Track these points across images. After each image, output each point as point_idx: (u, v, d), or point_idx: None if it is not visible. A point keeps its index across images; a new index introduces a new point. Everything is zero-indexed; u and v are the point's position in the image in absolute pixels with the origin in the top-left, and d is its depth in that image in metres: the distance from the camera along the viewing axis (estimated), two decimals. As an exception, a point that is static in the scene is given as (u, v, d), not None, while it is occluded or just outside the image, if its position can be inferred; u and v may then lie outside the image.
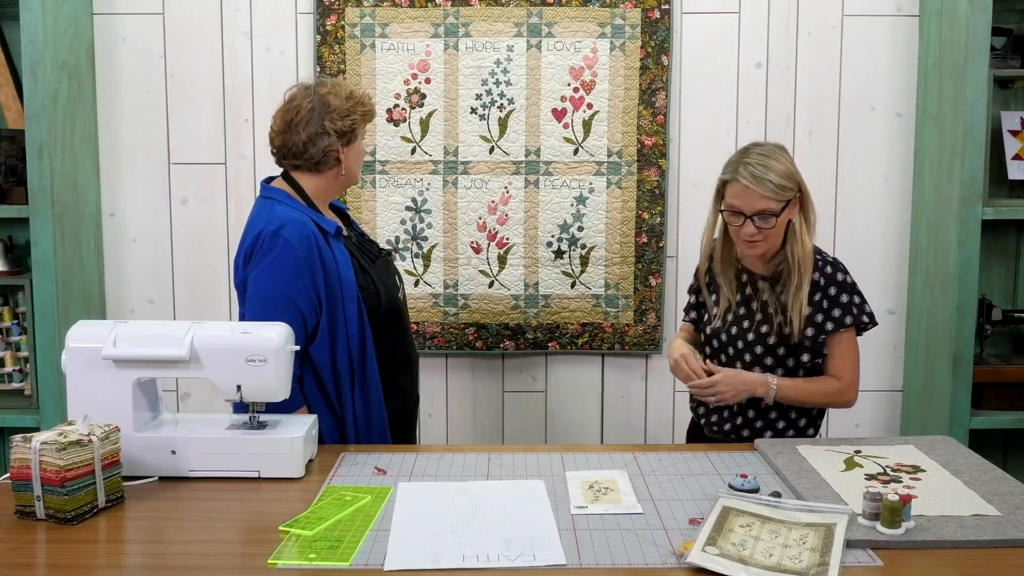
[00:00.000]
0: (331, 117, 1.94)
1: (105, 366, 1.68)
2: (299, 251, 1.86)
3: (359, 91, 2.03)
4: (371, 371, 1.96)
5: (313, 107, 1.94)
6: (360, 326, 1.93)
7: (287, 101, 1.99)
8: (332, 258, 1.91)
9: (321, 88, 1.97)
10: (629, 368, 2.94)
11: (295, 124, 1.95)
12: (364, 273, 1.98)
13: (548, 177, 2.83)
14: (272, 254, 1.86)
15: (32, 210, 2.53)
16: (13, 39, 2.69)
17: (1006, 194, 2.79)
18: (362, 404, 1.96)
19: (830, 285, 2.00)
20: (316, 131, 1.94)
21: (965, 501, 1.54)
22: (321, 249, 1.89)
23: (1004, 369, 2.71)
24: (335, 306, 1.90)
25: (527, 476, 1.71)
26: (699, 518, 1.49)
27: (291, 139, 1.96)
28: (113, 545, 1.44)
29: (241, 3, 2.80)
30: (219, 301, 2.89)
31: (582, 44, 2.78)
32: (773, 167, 1.93)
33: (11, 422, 2.67)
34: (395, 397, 2.04)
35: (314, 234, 1.89)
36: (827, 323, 2.00)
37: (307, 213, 1.94)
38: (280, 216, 1.89)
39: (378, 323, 1.97)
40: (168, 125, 2.85)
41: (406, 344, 2.08)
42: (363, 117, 2.00)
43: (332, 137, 1.95)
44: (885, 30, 2.82)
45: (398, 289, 2.08)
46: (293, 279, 1.86)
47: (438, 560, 1.34)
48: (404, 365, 2.07)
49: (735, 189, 1.95)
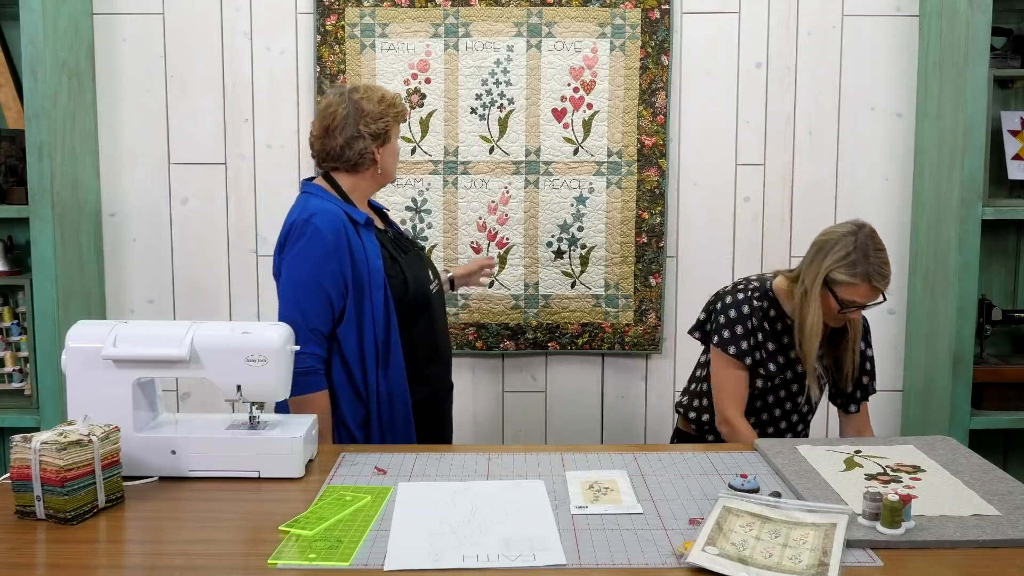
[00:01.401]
0: (365, 121, 2.06)
1: (105, 366, 1.68)
2: (328, 238, 1.97)
3: (391, 94, 2.13)
4: (395, 356, 2.04)
5: (348, 112, 2.06)
6: (386, 312, 2.02)
7: (323, 108, 2.10)
8: (361, 246, 2.01)
9: (355, 94, 2.08)
10: (629, 368, 2.94)
11: (332, 129, 2.06)
12: (393, 262, 2.07)
13: (548, 177, 2.83)
14: (302, 241, 1.98)
15: (32, 210, 2.53)
16: (13, 39, 2.69)
17: (1006, 194, 2.79)
18: (386, 388, 2.04)
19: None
20: (352, 135, 2.06)
21: (965, 501, 1.54)
22: (350, 237, 2.00)
23: (1004, 369, 2.71)
24: (362, 291, 2.00)
25: (527, 476, 1.71)
26: (699, 518, 1.49)
27: (329, 143, 2.07)
28: (113, 545, 1.44)
29: (241, 3, 2.80)
30: (219, 301, 2.89)
31: (582, 44, 2.78)
32: (888, 262, 2.02)
33: (11, 422, 2.67)
34: (421, 384, 2.12)
35: (343, 223, 2.00)
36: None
37: (339, 205, 2.05)
38: (312, 207, 2.01)
39: (404, 311, 2.06)
40: (168, 125, 2.85)
41: (435, 335, 2.16)
42: (395, 118, 2.11)
43: (367, 140, 2.06)
44: (885, 30, 2.82)
45: (430, 281, 2.16)
46: (322, 264, 1.97)
47: (438, 560, 1.34)
48: (432, 354, 2.15)
49: (862, 290, 1.99)
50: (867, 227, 2.02)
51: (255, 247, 2.88)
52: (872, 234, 2.01)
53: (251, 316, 2.89)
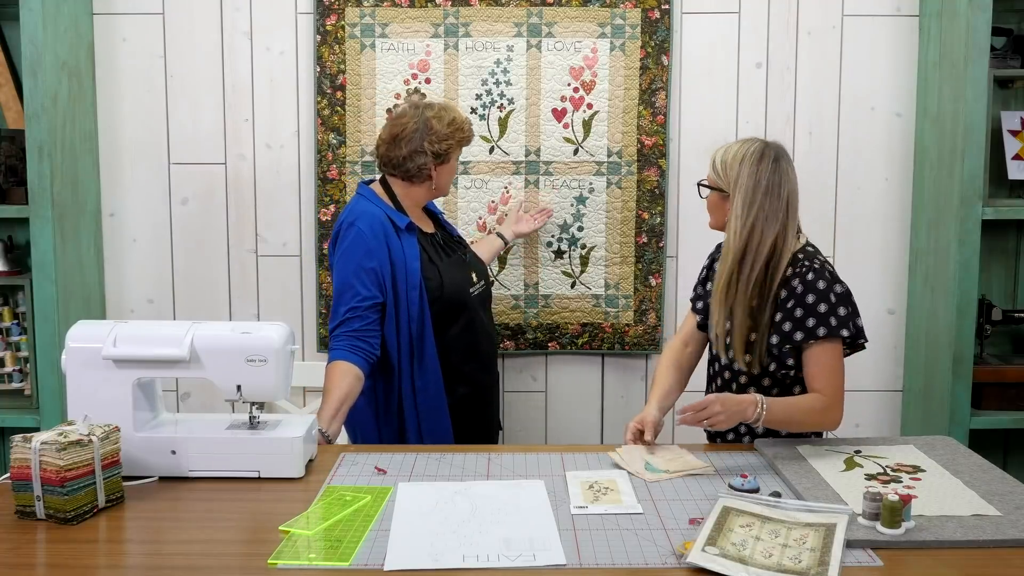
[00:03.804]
0: (431, 139, 2.18)
1: (105, 366, 1.68)
2: (369, 239, 2.12)
3: (462, 117, 2.24)
4: (429, 352, 2.16)
5: (418, 127, 2.18)
6: (420, 311, 2.14)
7: (396, 116, 2.22)
8: (400, 248, 2.15)
9: (428, 111, 2.20)
10: (629, 368, 2.94)
11: (399, 139, 2.19)
12: (432, 265, 2.19)
13: (548, 177, 2.83)
14: (347, 241, 2.14)
15: (32, 210, 2.53)
16: (13, 39, 2.69)
17: (1006, 194, 2.78)
18: (421, 382, 2.16)
19: (808, 293, 1.87)
20: (415, 149, 2.18)
21: (965, 501, 1.54)
22: (390, 239, 2.14)
23: (1004, 369, 2.71)
24: (399, 290, 2.14)
25: (527, 476, 1.71)
26: (699, 518, 1.49)
27: (393, 151, 2.20)
28: (113, 545, 1.44)
29: (241, 3, 2.80)
30: (219, 301, 2.89)
31: (582, 44, 2.78)
32: (730, 150, 1.95)
33: (11, 422, 2.67)
34: (461, 383, 2.23)
35: (384, 226, 2.15)
36: (796, 332, 1.87)
37: (385, 210, 2.19)
38: (358, 210, 2.17)
39: (439, 311, 2.17)
40: (168, 125, 2.85)
41: (475, 334, 2.25)
42: (459, 143, 2.24)
43: (428, 156, 2.19)
44: (885, 30, 2.82)
45: (471, 284, 2.27)
46: (364, 261, 2.11)
47: (438, 560, 1.34)
48: (471, 353, 2.25)
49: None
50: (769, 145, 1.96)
51: (255, 247, 2.88)
52: (767, 143, 1.96)
53: (251, 316, 2.89)
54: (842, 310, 1.87)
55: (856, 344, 1.93)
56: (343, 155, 2.80)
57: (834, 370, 1.87)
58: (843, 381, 1.89)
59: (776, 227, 1.90)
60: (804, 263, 1.90)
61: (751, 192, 1.90)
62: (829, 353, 1.87)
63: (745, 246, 1.90)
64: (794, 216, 1.95)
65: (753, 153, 1.92)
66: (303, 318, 2.88)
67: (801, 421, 1.87)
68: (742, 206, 1.90)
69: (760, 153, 1.92)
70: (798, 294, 1.88)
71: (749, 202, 1.90)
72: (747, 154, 1.92)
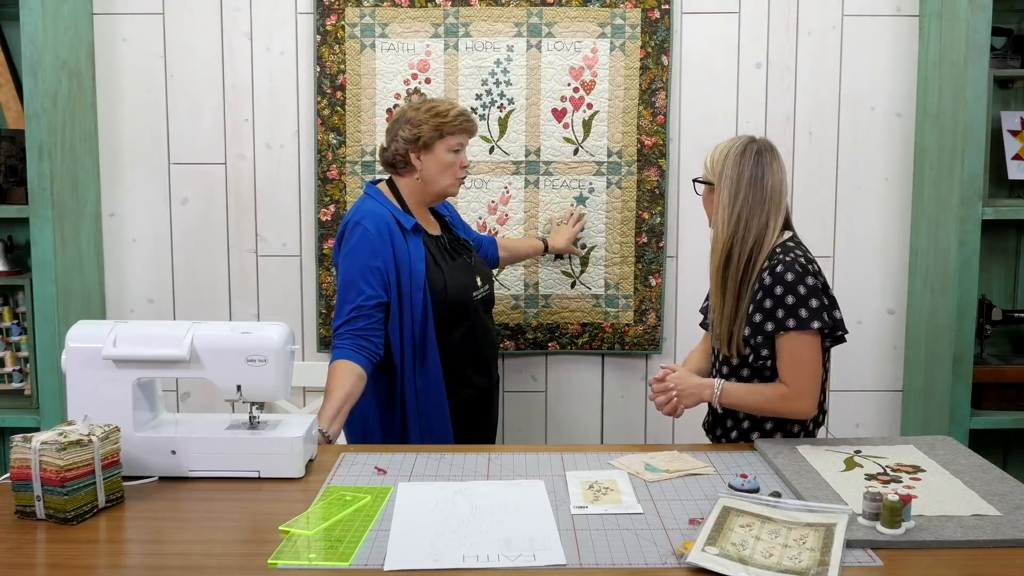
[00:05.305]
0: (405, 127, 2.20)
1: (105, 366, 1.68)
2: (374, 238, 2.12)
3: (447, 106, 2.21)
4: (431, 354, 2.15)
5: (398, 117, 2.24)
6: (424, 313, 2.14)
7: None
8: (405, 249, 2.15)
9: (412, 102, 2.27)
10: (629, 368, 2.94)
11: (386, 133, 2.27)
12: (436, 267, 2.19)
13: (548, 177, 2.83)
14: (353, 240, 2.14)
15: (32, 210, 2.53)
16: (13, 39, 2.69)
17: (1006, 194, 2.78)
18: (423, 383, 2.16)
19: (776, 285, 1.89)
20: (392, 137, 2.23)
21: (965, 501, 1.54)
22: (395, 240, 2.14)
23: (1004, 369, 2.71)
24: (403, 291, 2.14)
25: (527, 476, 1.71)
26: (699, 518, 1.49)
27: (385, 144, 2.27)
28: (113, 545, 1.44)
29: (241, 3, 2.80)
30: (219, 301, 2.89)
31: (582, 44, 2.78)
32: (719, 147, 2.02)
33: (11, 422, 2.67)
34: (463, 386, 2.24)
35: (390, 226, 2.15)
36: (767, 324, 1.89)
37: (392, 210, 2.19)
38: (365, 209, 2.18)
39: (442, 314, 2.17)
40: (168, 125, 2.85)
41: (477, 338, 2.26)
42: (435, 128, 2.18)
43: (400, 142, 2.21)
44: (885, 30, 2.82)
45: (474, 288, 2.27)
46: (369, 260, 2.11)
47: (438, 560, 1.34)
48: (474, 357, 2.26)
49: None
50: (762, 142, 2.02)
51: (255, 247, 2.88)
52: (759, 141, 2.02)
53: (251, 316, 2.89)
54: (814, 302, 1.88)
55: (836, 337, 1.95)
56: (343, 155, 2.80)
57: (802, 361, 1.89)
58: (815, 372, 1.91)
59: (761, 217, 1.96)
60: (779, 255, 1.93)
61: (735, 183, 1.97)
62: (799, 345, 1.89)
63: (732, 236, 1.96)
64: (778, 208, 1.98)
65: (738, 148, 1.99)
66: (303, 318, 2.88)
67: (758, 407, 1.96)
68: (728, 196, 1.97)
69: (744, 147, 1.99)
70: (766, 286, 1.91)
71: (734, 193, 1.96)
72: (732, 149, 2.00)
